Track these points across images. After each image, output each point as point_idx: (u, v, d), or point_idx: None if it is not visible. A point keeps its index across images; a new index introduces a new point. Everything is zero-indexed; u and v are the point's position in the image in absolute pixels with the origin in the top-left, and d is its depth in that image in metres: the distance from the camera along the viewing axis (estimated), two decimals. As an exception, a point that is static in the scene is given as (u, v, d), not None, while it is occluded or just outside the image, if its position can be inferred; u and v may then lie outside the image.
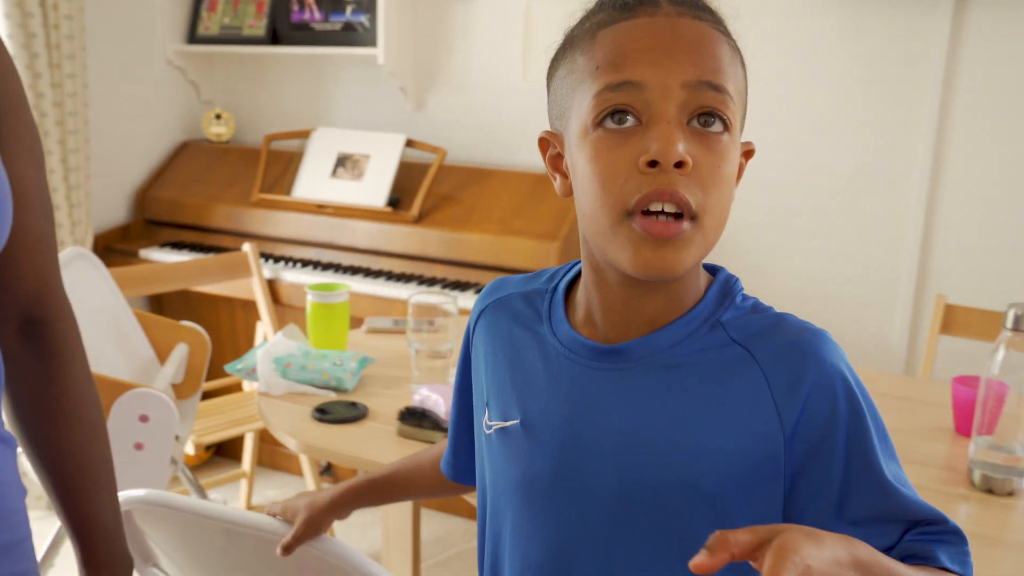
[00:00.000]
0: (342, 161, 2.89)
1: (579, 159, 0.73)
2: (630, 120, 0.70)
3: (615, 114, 0.70)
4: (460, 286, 2.58)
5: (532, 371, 0.82)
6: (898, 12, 2.39)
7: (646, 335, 0.77)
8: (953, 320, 2.17)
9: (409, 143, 2.84)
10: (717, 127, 0.70)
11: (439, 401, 1.48)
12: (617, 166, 0.70)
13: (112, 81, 3.03)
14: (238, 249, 2.67)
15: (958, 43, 2.35)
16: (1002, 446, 1.32)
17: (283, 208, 2.91)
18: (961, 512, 1.28)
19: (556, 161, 0.80)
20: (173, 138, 3.30)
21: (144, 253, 2.95)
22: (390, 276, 2.69)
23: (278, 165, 3.05)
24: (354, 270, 2.75)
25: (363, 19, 2.93)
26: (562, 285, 0.84)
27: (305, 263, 2.81)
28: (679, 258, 0.70)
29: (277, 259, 2.85)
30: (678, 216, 0.69)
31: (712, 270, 0.82)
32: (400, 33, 2.90)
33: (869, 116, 2.47)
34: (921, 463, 1.43)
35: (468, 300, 2.48)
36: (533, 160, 2.86)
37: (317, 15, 3.00)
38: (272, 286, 2.74)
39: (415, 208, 2.72)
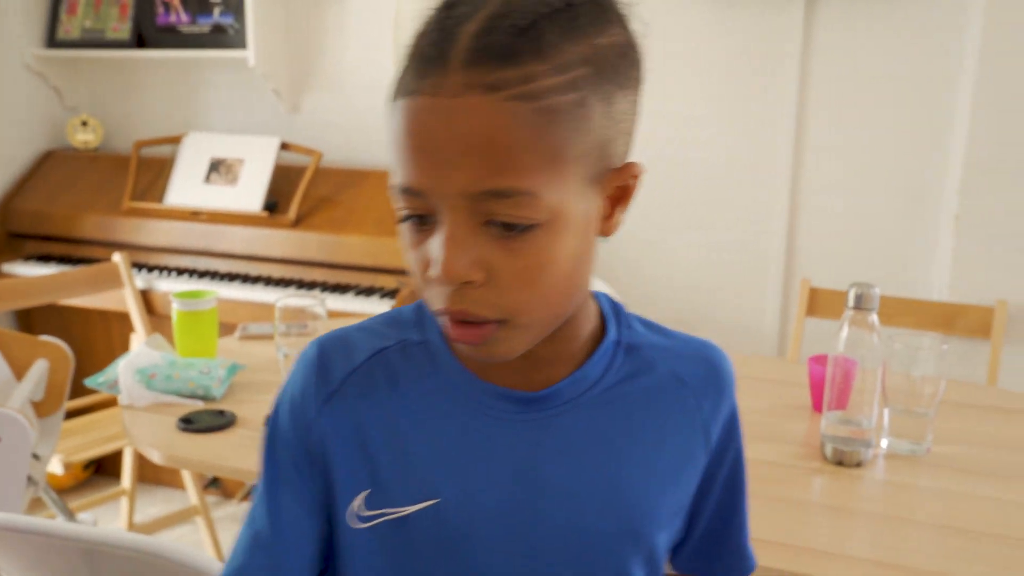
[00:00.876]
0: (215, 166, 2.83)
1: None
2: (428, 218, 0.62)
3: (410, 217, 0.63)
4: (340, 289, 2.55)
5: (444, 437, 0.71)
6: (758, 9, 2.47)
7: (571, 374, 0.71)
8: (817, 302, 2.26)
9: (284, 146, 2.79)
10: (519, 229, 0.60)
11: (306, 405, 1.46)
12: (418, 267, 0.64)
13: (-35, 88, 2.89)
14: (108, 260, 2.58)
15: (810, 38, 2.45)
16: (851, 420, 1.38)
17: (155, 216, 2.83)
18: (815, 485, 1.34)
19: None
20: (36, 147, 3.16)
21: (7, 267, 2.82)
22: (268, 281, 2.64)
23: (149, 172, 2.96)
24: (231, 276, 2.69)
25: (232, 21, 2.87)
26: (438, 333, 0.73)
27: (180, 271, 2.74)
28: (498, 352, 0.65)
29: (151, 268, 2.76)
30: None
31: None
32: (271, 34, 2.85)
33: (736, 109, 2.55)
34: (781, 441, 1.48)
35: (348, 303, 2.46)
36: (412, 160, 2.85)
37: (184, 17, 2.92)
38: (146, 296, 2.66)
39: (292, 212, 2.68)
